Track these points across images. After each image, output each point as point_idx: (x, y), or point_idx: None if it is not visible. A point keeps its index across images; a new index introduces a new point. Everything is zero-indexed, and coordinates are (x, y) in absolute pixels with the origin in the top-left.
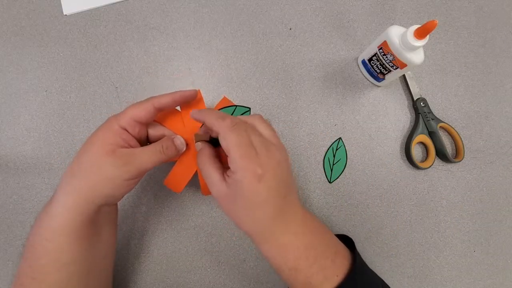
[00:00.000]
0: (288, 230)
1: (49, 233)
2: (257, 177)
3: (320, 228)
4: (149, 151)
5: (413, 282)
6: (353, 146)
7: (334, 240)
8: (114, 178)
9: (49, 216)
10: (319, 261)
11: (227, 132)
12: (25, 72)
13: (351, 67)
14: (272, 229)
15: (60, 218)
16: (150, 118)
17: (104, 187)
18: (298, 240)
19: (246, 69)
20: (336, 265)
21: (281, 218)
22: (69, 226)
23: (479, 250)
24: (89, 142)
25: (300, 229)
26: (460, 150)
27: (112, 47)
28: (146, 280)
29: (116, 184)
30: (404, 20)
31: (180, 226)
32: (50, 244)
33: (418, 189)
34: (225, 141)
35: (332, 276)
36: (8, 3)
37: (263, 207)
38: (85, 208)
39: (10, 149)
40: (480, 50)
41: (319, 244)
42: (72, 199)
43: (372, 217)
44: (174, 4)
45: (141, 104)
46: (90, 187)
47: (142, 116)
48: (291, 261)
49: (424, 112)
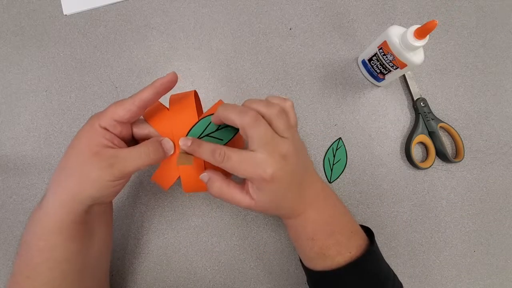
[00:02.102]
0: (311, 206)
1: (41, 231)
2: (279, 162)
3: (339, 206)
4: (136, 153)
5: (413, 282)
6: (353, 146)
7: (352, 221)
8: (98, 179)
9: (41, 214)
10: (335, 236)
11: (249, 129)
12: (25, 72)
13: (351, 67)
14: (299, 206)
15: (51, 216)
16: (132, 117)
17: (89, 188)
18: (318, 215)
19: (246, 69)
20: (351, 243)
21: (305, 194)
22: (60, 224)
23: (479, 250)
24: (75, 141)
25: (322, 204)
26: (460, 150)
27: (112, 47)
28: (146, 280)
29: (101, 186)
30: (404, 20)
31: (180, 226)
32: (43, 242)
33: (418, 189)
34: (246, 136)
35: (345, 252)
36: (8, 3)
37: (290, 189)
38: (73, 207)
39: (10, 149)
40: (480, 50)
41: (337, 221)
42: (60, 198)
43: (372, 217)
44: (174, 4)
45: (122, 103)
46: (76, 187)
47: (123, 115)
48: (310, 233)
49: (424, 112)
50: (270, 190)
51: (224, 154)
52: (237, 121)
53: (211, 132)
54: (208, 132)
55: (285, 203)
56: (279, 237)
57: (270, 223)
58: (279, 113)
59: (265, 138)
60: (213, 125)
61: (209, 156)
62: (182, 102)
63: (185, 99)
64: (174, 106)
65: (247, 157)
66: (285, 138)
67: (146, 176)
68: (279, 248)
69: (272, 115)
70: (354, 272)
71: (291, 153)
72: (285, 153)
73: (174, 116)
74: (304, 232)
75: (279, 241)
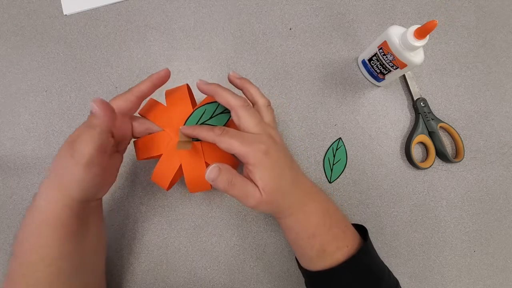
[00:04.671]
0: (310, 198)
1: (36, 228)
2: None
3: (331, 202)
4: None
5: (413, 282)
6: (353, 146)
7: (344, 216)
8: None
9: (35, 210)
10: (333, 230)
11: (241, 110)
12: (25, 72)
13: (351, 67)
14: (299, 196)
15: (45, 211)
16: (131, 108)
17: (73, 181)
18: (319, 206)
19: (246, 69)
20: (347, 237)
21: (301, 187)
22: (54, 220)
23: (479, 250)
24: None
25: (317, 198)
26: (460, 150)
27: (112, 47)
28: (146, 280)
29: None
30: (404, 20)
31: (180, 226)
32: (38, 239)
33: (418, 189)
34: (237, 117)
35: (343, 247)
36: (8, 3)
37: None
38: (67, 202)
39: (10, 149)
40: (480, 50)
41: (333, 213)
42: (52, 193)
43: (372, 217)
44: (174, 4)
45: (122, 95)
46: (63, 182)
47: (123, 106)
48: (312, 227)
49: (424, 112)
50: (269, 165)
51: (223, 129)
52: (231, 101)
53: (206, 120)
54: (203, 120)
55: (285, 184)
56: (279, 237)
57: (270, 223)
58: (268, 106)
59: (256, 119)
60: (207, 114)
61: (208, 132)
62: (177, 95)
63: (179, 93)
64: (169, 101)
65: (242, 133)
66: (271, 126)
67: (146, 176)
68: (279, 248)
69: (262, 106)
70: (353, 268)
71: (278, 138)
72: (273, 136)
73: (171, 109)
74: (305, 229)
75: (279, 241)
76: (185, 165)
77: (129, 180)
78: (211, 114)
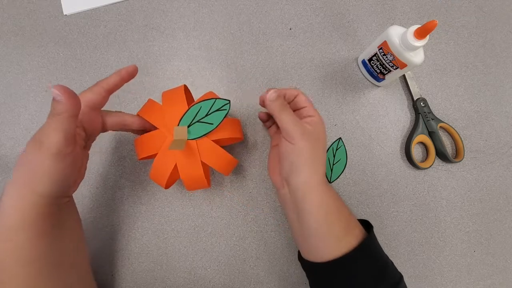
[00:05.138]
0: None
1: (6, 233)
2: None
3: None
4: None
5: (413, 282)
6: (353, 146)
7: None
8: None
9: (1, 213)
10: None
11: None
12: (25, 72)
13: (351, 67)
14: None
15: (13, 213)
16: (101, 101)
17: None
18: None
19: (246, 69)
20: (356, 221)
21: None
22: (23, 221)
23: (479, 250)
24: None
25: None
26: (460, 150)
27: (112, 47)
28: (146, 280)
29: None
30: (404, 20)
31: (180, 226)
32: (10, 243)
33: (418, 189)
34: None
35: (354, 227)
36: (8, 3)
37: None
38: (34, 200)
39: (10, 149)
40: (480, 50)
41: (341, 205)
42: (17, 192)
43: (372, 217)
44: (174, 4)
45: (90, 88)
46: (31, 178)
47: (92, 99)
48: (338, 200)
49: (424, 112)
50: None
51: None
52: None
53: (202, 118)
54: (199, 118)
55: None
56: (279, 237)
57: (270, 223)
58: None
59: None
60: (203, 111)
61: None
62: (173, 95)
63: (175, 93)
64: (166, 100)
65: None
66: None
67: (146, 176)
68: (279, 248)
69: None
70: (365, 254)
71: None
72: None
73: (167, 108)
74: (334, 202)
75: (279, 241)
76: (180, 164)
77: (129, 180)
78: (207, 111)
